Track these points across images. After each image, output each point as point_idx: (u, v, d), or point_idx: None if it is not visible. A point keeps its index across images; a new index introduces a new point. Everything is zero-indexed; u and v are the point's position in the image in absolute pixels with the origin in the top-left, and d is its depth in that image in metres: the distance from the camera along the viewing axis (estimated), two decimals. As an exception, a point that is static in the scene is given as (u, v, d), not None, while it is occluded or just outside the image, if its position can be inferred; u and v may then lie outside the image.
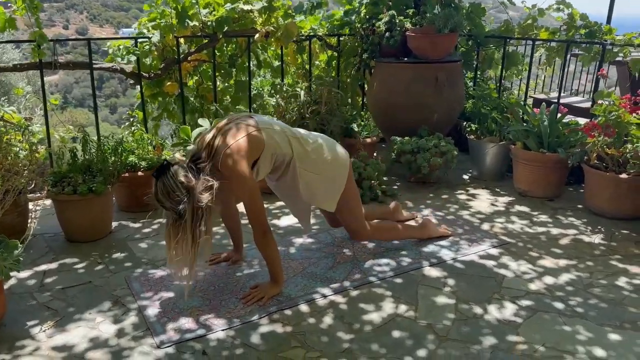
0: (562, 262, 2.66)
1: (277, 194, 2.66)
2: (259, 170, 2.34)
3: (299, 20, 4.31)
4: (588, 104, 4.43)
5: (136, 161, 3.20)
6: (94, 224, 2.90)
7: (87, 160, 2.98)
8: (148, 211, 3.25)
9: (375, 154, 4.04)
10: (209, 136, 2.28)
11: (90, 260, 2.68)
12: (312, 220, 3.17)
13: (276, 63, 4.47)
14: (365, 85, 4.66)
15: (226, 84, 4.21)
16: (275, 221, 3.19)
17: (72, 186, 2.79)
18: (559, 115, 3.55)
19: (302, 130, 2.53)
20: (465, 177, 4.03)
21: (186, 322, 2.14)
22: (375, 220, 2.79)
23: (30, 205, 2.99)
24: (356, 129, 4.05)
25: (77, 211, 2.83)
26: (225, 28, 3.83)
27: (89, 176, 2.89)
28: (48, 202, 3.33)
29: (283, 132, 2.39)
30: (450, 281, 2.47)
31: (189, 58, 3.93)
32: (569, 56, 4.31)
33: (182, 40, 3.86)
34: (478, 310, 2.24)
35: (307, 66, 4.37)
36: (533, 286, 2.43)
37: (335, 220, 2.79)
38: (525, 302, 2.30)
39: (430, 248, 2.80)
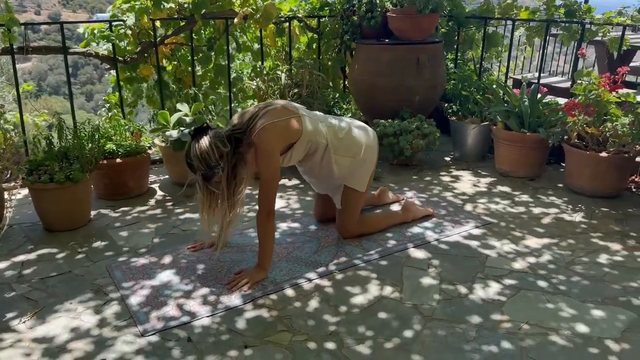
0: (544, 241, 2.69)
1: (307, 180, 2.76)
2: (292, 154, 2.39)
3: (278, 2, 4.23)
4: (567, 84, 4.46)
5: (114, 148, 3.13)
6: (73, 212, 2.84)
7: (64, 147, 2.90)
8: (127, 199, 3.21)
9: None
10: (252, 110, 2.33)
11: (69, 250, 2.63)
12: (296, 205, 3.16)
13: (256, 46, 4.39)
14: (347, 68, 4.61)
15: (204, 69, 4.13)
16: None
17: (49, 174, 2.72)
18: (539, 95, 3.57)
19: (333, 119, 2.58)
20: (447, 158, 4.04)
21: (170, 310, 2.11)
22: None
23: (6, 195, 2.92)
24: (338, 112, 4.02)
25: (55, 200, 2.76)
26: (203, 10, 3.74)
27: (65, 164, 2.82)
28: (24, 191, 3.25)
29: (320, 122, 2.45)
30: (435, 262, 2.48)
31: (166, 41, 3.84)
32: (548, 36, 4.31)
33: (158, 23, 3.76)
34: (463, 290, 2.25)
35: (287, 49, 4.30)
36: (516, 265, 2.46)
37: (325, 213, 2.82)
38: (508, 281, 2.32)
39: (414, 229, 2.80)
